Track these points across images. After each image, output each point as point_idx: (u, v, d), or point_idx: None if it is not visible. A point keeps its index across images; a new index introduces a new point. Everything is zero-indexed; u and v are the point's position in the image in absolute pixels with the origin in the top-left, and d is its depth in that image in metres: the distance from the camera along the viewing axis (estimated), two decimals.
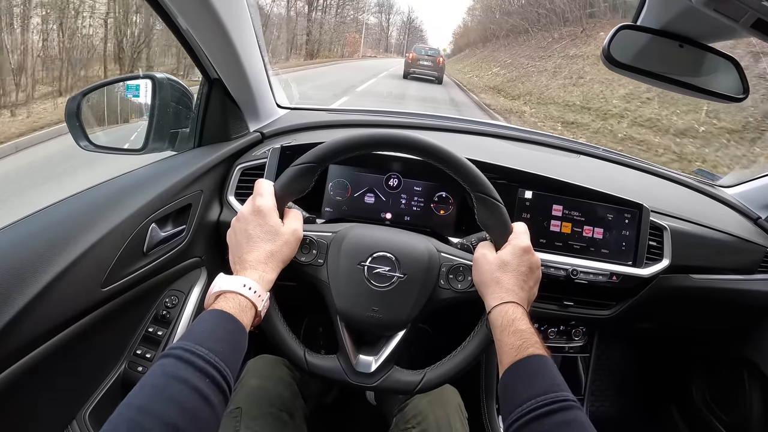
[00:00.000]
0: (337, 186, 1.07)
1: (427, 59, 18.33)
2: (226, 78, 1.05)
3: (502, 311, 0.68)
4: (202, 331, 0.57)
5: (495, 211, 0.74)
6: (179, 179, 0.94)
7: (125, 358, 0.91)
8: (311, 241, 0.78)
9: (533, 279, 0.72)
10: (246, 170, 1.07)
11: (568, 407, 0.55)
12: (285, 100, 1.37)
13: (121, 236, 0.81)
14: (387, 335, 0.78)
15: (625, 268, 1.04)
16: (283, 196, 0.73)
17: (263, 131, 1.20)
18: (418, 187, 1.07)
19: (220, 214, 1.06)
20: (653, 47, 0.86)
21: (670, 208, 1.15)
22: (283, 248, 0.70)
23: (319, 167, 0.74)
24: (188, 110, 1.14)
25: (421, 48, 19.72)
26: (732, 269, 1.19)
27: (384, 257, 0.78)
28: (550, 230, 1.04)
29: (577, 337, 1.20)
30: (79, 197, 0.84)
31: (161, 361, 0.53)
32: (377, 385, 0.76)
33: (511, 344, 0.64)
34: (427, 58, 18.40)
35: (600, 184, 1.07)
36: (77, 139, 1.04)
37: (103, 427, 0.46)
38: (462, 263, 0.79)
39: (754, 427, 1.26)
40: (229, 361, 0.56)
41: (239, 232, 0.70)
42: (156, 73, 1.11)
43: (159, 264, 0.91)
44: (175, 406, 0.49)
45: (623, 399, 1.61)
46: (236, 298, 0.62)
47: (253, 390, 0.89)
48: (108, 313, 0.81)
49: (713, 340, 1.44)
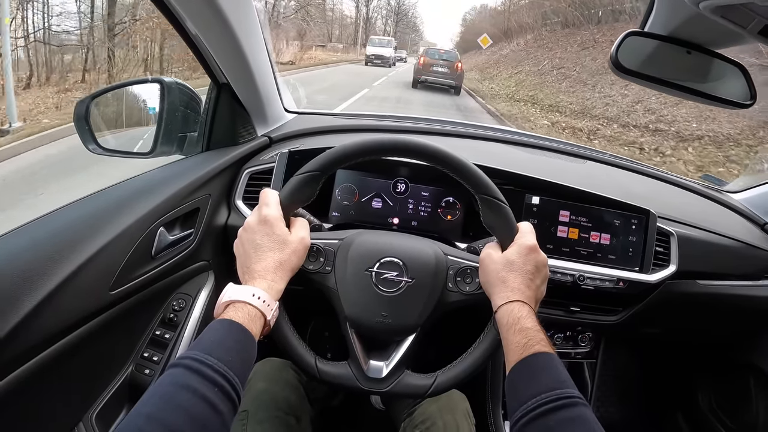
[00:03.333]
0: (344, 191, 1.07)
1: (442, 64, 14.96)
2: (235, 82, 1.06)
3: (508, 310, 0.68)
4: (211, 341, 0.58)
5: (499, 212, 0.74)
6: (187, 183, 0.95)
7: (132, 361, 0.91)
8: (318, 249, 0.79)
9: (540, 277, 0.72)
10: (254, 174, 1.08)
11: (573, 404, 0.56)
12: (293, 104, 1.38)
13: (130, 240, 0.81)
14: (397, 340, 0.79)
15: (632, 274, 1.04)
16: (288, 205, 0.73)
17: (271, 135, 1.20)
18: (426, 192, 1.07)
19: (228, 218, 1.06)
20: (661, 53, 0.87)
21: (676, 213, 1.14)
22: (291, 257, 0.70)
23: (323, 175, 0.75)
24: (196, 114, 1.15)
25: (434, 51, 16.37)
26: (739, 275, 1.18)
27: (391, 262, 0.78)
28: (557, 236, 1.04)
29: (583, 342, 1.20)
30: (86, 201, 0.85)
31: (171, 371, 0.54)
32: (389, 389, 0.76)
33: (517, 342, 0.64)
34: (443, 63, 15.00)
35: (607, 189, 1.06)
36: (86, 142, 1.04)
37: None
38: (469, 265, 0.79)
39: None
40: (238, 370, 0.56)
41: (246, 242, 0.71)
42: (165, 77, 1.12)
43: (167, 267, 0.91)
44: (183, 415, 0.49)
45: (629, 405, 1.60)
46: (245, 308, 0.63)
47: (259, 393, 0.90)
48: (116, 315, 0.81)
49: (720, 347, 1.43)
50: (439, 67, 14.98)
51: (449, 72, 14.93)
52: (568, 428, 0.54)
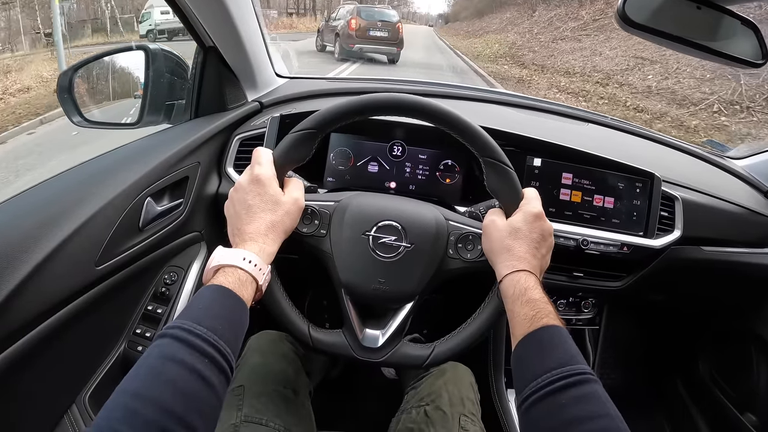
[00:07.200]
0: (339, 155, 1.04)
1: (382, 27, 10.96)
2: (222, 45, 1.02)
3: (514, 280, 0.64)
4: (199, 309, 0.54)
5: (505, 177, 0.70)
6: (175, 151, 0.91)
7: (125, 338, 0.89)
8: (313, 211, 0.75)
9: (546, 246, 0.69)
10: (245, 140, 1.04)
11: (585, 380, 0.52)
12: (284, 69, 1.33)
13: (115, 212, 0.78)
14: (394, 308, 0.76)
15: (637, 239, 1.01)
16: (282, 165, 0.69)
17: (262, 101, 1.16)
18: (423, 155, 1.04)
19: (219, 186, 1.03)
20: (669, 8, 0.83)
21: (680, 178, 1.12)
22: (284, 218, 0.67)
23: (319, 133, 0.70)
24: (183, 81, 1.11)
25: (370, 10, 11.88)
26: (743, 242, 1.16)
27: (390, 226, 0.74)
28: (560, 199, 1.01)
29: (586, 309, 1.18)
30: (69, 174, 0.81)
31: (158, 342, 0.50)
32: (385, 359, 0.74)
33: (524, 315, 0.60)
34: (383, 26, 11.01)
35: (610, 152, 1.03)
36: (70, 115, 1.02)
37: (98, 415, 0.43)
38: (471, 231, 0.75)
39: (761, 401, 1.25)
40: (229, 339, 0.53)
41: (237, 202, 0.67)
42: (149, 43, 1.08)
43: (156, 240, 0.88)
44: (172, 390, 0.46)
45: (629, 372, 1.60)
46: (236, 273, 0.59)
47: (255, 367, 0.87)
48: (105, 292, 0.78)
49: (722, 314, 1.42)
50: (378, 31, 10.89)
51: (390, 36, 10.97)
52: (580, 406, 0.51)
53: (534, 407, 0.53)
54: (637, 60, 8.67)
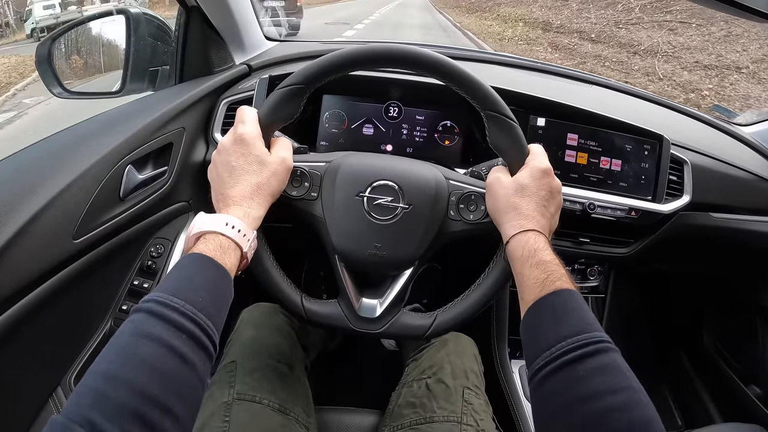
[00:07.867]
0: (332, 117, 0.99)
1: None
2: (205, 4, 0.96)
3: (522, 240, 0.59)
4: (177, 279, 0.50)
5: (509, 131, 0.65)
6: (157, 116, 0.86)
7: (111, 315, 0.85)
8: (303, 173, 0.70)
9: (554, 205, 0.64)
10: (232, 104, 0.99)
11: (604, 349, 0.48)
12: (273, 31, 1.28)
13: (93, 181, 0.73)
14: (392, 275, 0.71)
15: (645, 203, 0.97)
16: (268, 124, 0.64)
17: (250, 63, 1.11)
18: (420, 116, 0.99)
19: (207, 153, 0.98)
20: None
21: (688, 141, 1.07)
22: (270, 180, 0.62)
23: (307, 89, 0.65)
24: (167, 45, 1.06)
25: None
26: (751, 209, 1.13)
27: (386, 186, 0.69)
28: (565, 161, 0.96)
29: (592, 276, 1.14)
30: (43, 144, 0.76)
31: (132, 317, 0.45)
32: (383, 330, 0.70)
33: (535, 278, 0.56)
34: None
35: (616, 113, 0.98)
36: (49, 85, 0.98)
37: (67, 400, 0.39)
38: (474, 191, 0.70)
39: (766, 374, 1.23)
40: (210, 312, 0.48)
41: (220, 165, 0.62)
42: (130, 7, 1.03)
43: (139, 210, 0.83)
44: (148, 370, 0.41)
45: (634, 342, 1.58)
46: (217, 239, 0.54)
47: (248, 342, 0.83)
48: (86, 266, 0.73)
49: (729, 284, 1.40)
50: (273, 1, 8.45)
51: (288, 6, 8.80)
52: (599, 378, 0.46)
53: (548, 380, 0.48)
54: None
